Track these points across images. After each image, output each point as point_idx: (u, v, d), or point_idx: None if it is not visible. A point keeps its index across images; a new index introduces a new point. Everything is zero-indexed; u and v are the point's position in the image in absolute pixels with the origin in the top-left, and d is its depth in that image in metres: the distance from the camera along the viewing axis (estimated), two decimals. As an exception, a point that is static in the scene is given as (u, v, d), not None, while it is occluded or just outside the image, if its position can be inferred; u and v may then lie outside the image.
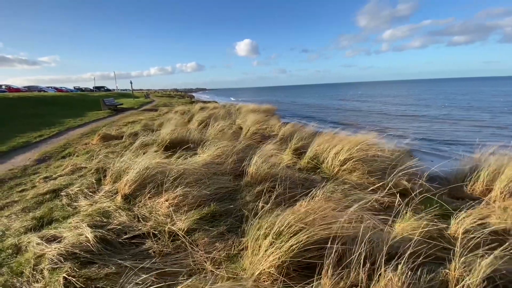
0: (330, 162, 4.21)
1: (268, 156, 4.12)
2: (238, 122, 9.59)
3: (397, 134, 8.35)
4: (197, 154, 4.69)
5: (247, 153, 4.72)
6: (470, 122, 12.63)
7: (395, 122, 14.33)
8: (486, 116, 14.75)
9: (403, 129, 11.40)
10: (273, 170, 3.69)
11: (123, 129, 8.74)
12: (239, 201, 3.17)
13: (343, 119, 16.68)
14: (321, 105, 29.21)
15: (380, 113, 18.62)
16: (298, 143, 5.44)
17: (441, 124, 12.97)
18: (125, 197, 3.21)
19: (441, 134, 10.47)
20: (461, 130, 11.13)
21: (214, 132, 6.54)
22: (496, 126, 11.61)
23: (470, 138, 9.25)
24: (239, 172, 4.05)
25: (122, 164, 3.72)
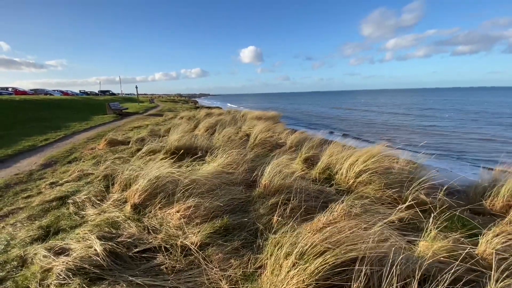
0: (345, 174, 4.10)
1: (280, 165, 4.01)
2: (244, 128, 9.51)
3: (408, 145, 8.21)
4: (206, 162, 4.61)
5: (257, 162, 4.65)
6: (481, 135, 12.45)
7: (404, 132, 14.19)
8: (497, 128, 14.56)
9: (413, 139, 11.27)
10: (287, 181, 3.57)
11: (129, 134, 8.69)
12: (252, 214, 3.06)
13: (348, 127, 16.58)
14: (325, 113, 29.17)
15: (387, 123, 18.51)
16: (309, 152, 5.34)
17: (452, 135, 12.81)
18: (134, 207, 3.10)
19: (454, 145, 10.31)
20: (474, 143, 10.96)
21: (222, 139, 6.44)
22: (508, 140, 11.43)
23: (485, 151, 9.08)
24: (250, 182, 3.95)
25: (131, 172, 3.63)
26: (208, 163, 4.38)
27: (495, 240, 2.57)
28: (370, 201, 3.16)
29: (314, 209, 3.13)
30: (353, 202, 2.95)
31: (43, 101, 18.29)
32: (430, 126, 16.27)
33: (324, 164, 4.55)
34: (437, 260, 2.11)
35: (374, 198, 3.38)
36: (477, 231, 2.87)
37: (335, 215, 2.66)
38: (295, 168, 4.65)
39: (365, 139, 11.23)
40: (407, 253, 2.06)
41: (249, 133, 8.20)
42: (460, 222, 3.18)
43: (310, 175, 4.38)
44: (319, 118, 23.78)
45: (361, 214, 2.76)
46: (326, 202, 3.31)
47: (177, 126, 8.67)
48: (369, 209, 2.89)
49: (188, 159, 4.74)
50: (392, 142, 9.10)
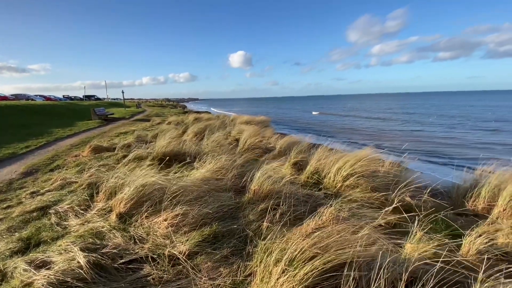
0: (333, 178, 4.14)
1: (270, 170, 4.02)
2: (233, 133, 9.50)
3: (394, 149, 8.44)
4: (195, 168, 4.55)
5: (246, 168, 4.63)
6: (464, 140, 12.93)
7: (389, 136, 14.56)
8: (480, 133, 15.17)
9: (398, 143, 11.58)
10: (276, 186, 3.58)
11: (115, 140, 8.50)
12: (242, 220, 3.04)
13: (336, 132, 16.86)
14: (313, 118, 29.57)
15: (373, 127, 18.96)
16: (297, 157, 5.38)
17: (436, 139, 13.25)
18: (120, 216, 3.02)
19: (438, 148, 10.65)
20: (458, 145, 11.36)
21: (211, 145, 6.40)
22: (494, 142, 11.92)
23: (468, 154, 9.42)
24: (240, 188, 3.93)
25: (116, 180, 3.54)
26: (196, 170, 4.33)
27: (478, 240, 2.66)
28: (358, 204, 3.21)
29: (303, 213, 3.15)
30: (341, 206, 2.98)
31: (25, 106, 17.65)
32: (415, 131, 16.79)
33: (313, 168, 4.58)
34: (423, 262, 2.16)
35: (361, 201, 3.43)
36: (460, 232, 2.96)
37: (323, 220, 2.68)
38: (285, 173, 4.67)
39: (352, 143, 11.44)
40: (394, 255, 2.10)
41: (239, 138, 8.19)
42: (444, 224, 3.27)
43: (299, 180, 4.40)
44: (308, 123, 24.04)
45: (349, 217, 2.80)
46: (315, 206, 3.33)
47: (164, 132, 8.57)
48: (356, 213, 2.93)
49: (176, 166, 4.68)
50: (378, 146, 9.30)
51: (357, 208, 3.05)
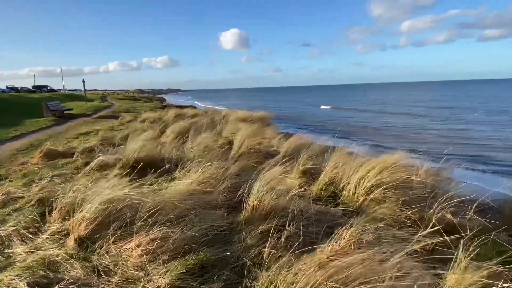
0: (353, 190, 4.16)
1: (273, 180, 4.02)
2: (225, 134, 9.53)
3: (430, 153, 8.48)
4: (176, 179, 4.56)
5: (243, 178, 4.64)
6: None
7: (424, 137, 14.65)
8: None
9: (435, 146, 11.64)
10: (281, 201, 3.58)
11: (74, 143, 8.49)
12: (237, 245, 3.03)
13: (357, 131, 16.95)
14: (327, 113, 29.71)
15: (403, 125, 19.08)
16: (308, 163, 5.39)
17: (484, 141, 13.32)
18: (80, 241, 3.00)
19: (486, 153, 10.70)
20: (511, 149, 11.39)
21: (197, 149, 6.42)
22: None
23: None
24: (234, 203, 3.93)
25: (75, 194, 3.52)
26: (179, 180, 4.32)
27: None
28: (385, 224, 3.21)
29: (316, 236, 3.13)
30: (365, 226, 2.97)
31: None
32: (456, 130, 16.90)
33: (328, 178, 4.59)
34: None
35: (390, 219, 3.42)
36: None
37: (342, 244, 2.67)
38: (292, 183, 4.67)
39: (377, 146, 11.49)
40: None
41: (232, 139, 8.20)
42: (496, 248, 3.26)
43: (310, 193, 4.41)
44: (319, 120, 24.17)
45: (375, 241, 2.79)
46: (331, 226, 3.33)
47: (137, 132, 8.57)
48: (384, 235, 2.92)
49: (153, 175, 4.67)
50: (410, 150, 9.34)
51: (385, 229, 3.04)
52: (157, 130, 9.93)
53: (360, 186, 4.17)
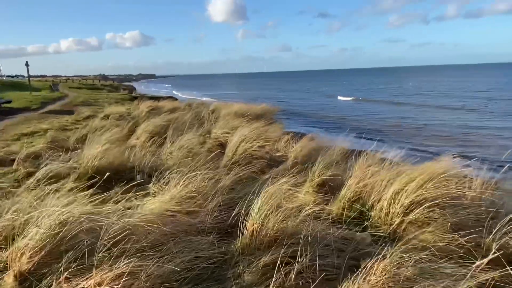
0: (386, 209, 4.15)
1: (279, 196, 4.01)
2: (216, 134, 9.51)
3: (487, 159, 8.45)
4: (151, 194, 4.58)
5: (239, 192, 4.65)
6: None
7: (479, 139, 14.64)
8: None
9: (495, 150, 11.63)
10: (290, 223, 3.57)
11: (14, 147, 8.47)
12: (231, 284, 3.02)
13: (389, 130, 16.99)
14: (350, 106, 29.78)
15: (452, 124, 19.10)
16: (325, 173, 5.40)
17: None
18: (21, 278, 2.99)
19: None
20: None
21: (178, 154, 6.44)
22: None
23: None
24: (227, 227, 3.93)
25: (15, 216, 3.51)
26: (153, 196, 4.32)
27: None
28: (430, 254, 3.19)
29: (337, 271, 3.12)
30: (402, 257, 2.96)
31: None
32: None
33: (352, 193, 4.60)
34: None
35: (435, 249, 3.40)
36: None
37: (372, 282, 2.66)
38: (304, 200, 4.67)
39: (418, 150, 11.48)
40: None
41: (225, 141, 8.21)
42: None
43: (329, 212, 4.41)
44: (340, 114, 24.24)
45: (416, 278, 2.77)
46: (357, 258, 3.31)
47: (99, 132, 8.55)
48: (428, 269, 2.91)
49: (119, 190, 4.65)
50: (461, 155, 9.30)
51: (429, 261, 3.03)
52: (125, 130, 9.92)
53: (396, 203, 4.15)
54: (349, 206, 4.47)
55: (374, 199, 4.43)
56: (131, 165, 5.69)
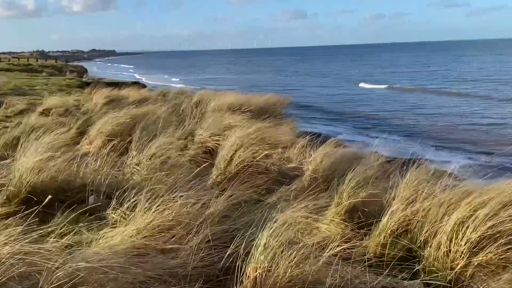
0: (445, 246, 4.11)
1: (293, 224, 3.99)
2: (202, 137, 9.49)
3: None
4: (110, 224, 4.58)
5: (235, 222, 4.64)
6: None
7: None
8: None
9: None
10: (309, 268, 3.53)
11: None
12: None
13: (442, 132, 16.91)
14: (390, 97, 29.75)
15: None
16: (356, 194, 5.36)
17: None
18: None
19: None
20: None
21: (149, 165, 6.42)
22: None
23: None
24: (219, 272, 3.90)
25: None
26: (113, 227, 4.32)
27: None
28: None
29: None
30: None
31: None
32: None
33: (396, 223, 4.60)
34: None
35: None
36: None
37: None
38: (328, 233, 4.68)
39: (489, 164, 11.34)
40: None
41: (215, 147, 8.18)
42: None
43: (363, 251, 4.40)
44: (375, 108, 24.15)
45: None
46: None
47: (36, 134, 8.50)
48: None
49: (65, 216, 4.64)
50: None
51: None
52: (73, 130, 9.89)
53: (459, 238, 4.12)
54: (393, 242, 4.45)
55: (428, 232, 4.43)
56: (82, 181, 5.67)
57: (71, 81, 32.50)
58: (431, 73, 53.26)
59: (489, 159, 11.98)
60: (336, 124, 18.82)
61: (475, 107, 24.84)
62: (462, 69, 58.27)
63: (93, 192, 5.50)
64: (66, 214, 4.72)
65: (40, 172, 5.53)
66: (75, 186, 5.59)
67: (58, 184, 5.47)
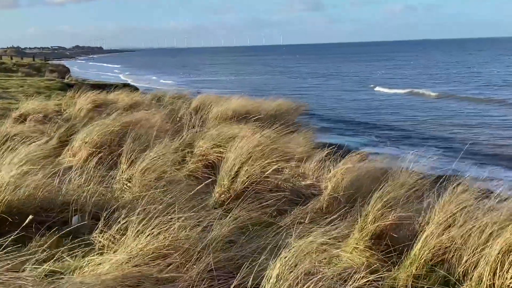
0: (489, 279, 4.11)
1: (310, 252, 3.98)
2: (202, 148, 9.49)
3: None
4: (97, 249, 4.59)
5: (242, 248, 4.65)
6: None
7: None
8: None
9: None
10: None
11: None
12: None
13: (490, 144, 16.82)
14: (425, 106, 29.69)
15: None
16: (383, 217, 5.33)
17: None
18: None
19: None
20: None
21: (142, 181, 6.43)
22: None
23: None
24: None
25: None
26: (101, 253, 4.34)
27: None
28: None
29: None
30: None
31: None
32: None
33: (430, 252, 4.59)
34: None
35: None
36: None
37: None
38: (351, 262, 4.67)
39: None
40: None
41: (218, 160, 8.18)
42: None
43: (392, 283, 4.41)
44: (408, 117, 24.04)
45: None
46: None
47: (10, 144, 8.54)
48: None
49: (46, 240, 4.65)
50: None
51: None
52: (55, 140, 9.90)
53: (504, 270, 4.12)
54: (427, 274, 4.43)
55: (467, 261, 4.42)
56: (64, 200, 5.67)
57: (51, 83, 32.52)
58: (471, 76, 53.10)
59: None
60: (359, 135, 18.82)
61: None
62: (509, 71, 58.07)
63: (77, 212, 5.48)
64: (46, 237, 4.73)
65: (16, 188, 5.54)
66: (57, 205, 5.58)
67: (37, 202, 5.47)
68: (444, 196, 5.27)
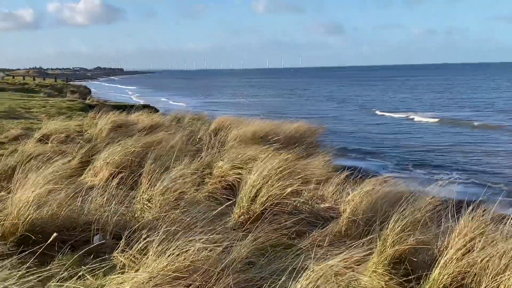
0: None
1: (329, 276, 3.98)
2: (221, 169, 9.49)
3: None
4: (118, 268, 4.58)
5: (261, 270, 4.64)
6: None
7: None
8: None
9: None
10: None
11: None
12: None
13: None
14: (447, 132, 29.51)
15: None
16: (403, 241, 5.31)
17: None
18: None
19: None
20: None
21: (161, 201, 6.46)
22: None
23: None
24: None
25: None
26: (122, 272, 4.34)
27: None
28: None
29: None
30: None
31: None
32: None
33: (450, 276, 4.57)
34: None
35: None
36: None
37: None
38: (369, 286, 4.64)
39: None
40: None
41: (237, 182, 8.16)
42: None
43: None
44: (424, 140, 23.83)
45: None
46: None
47: (33, 163, 8.59)
48: None
49: (67, 259, 4.67)
50: None
51: None
52: (76, 160, 9.92)
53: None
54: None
55: (487, 287, 4.36)
56: (86, 219, 5.69)
57: (73, 103, 32.59)
58: (492, 101, 52.74)
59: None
60: (378, 158, 18.74)
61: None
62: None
63: (99, 231, 5.50)
64: (68, 255, 4.75)
65: (40, 207, 5.57)
66: (79, 224, 5.60)
67: (60, 221, 5.49)
68: (462, 221, 5.24)
